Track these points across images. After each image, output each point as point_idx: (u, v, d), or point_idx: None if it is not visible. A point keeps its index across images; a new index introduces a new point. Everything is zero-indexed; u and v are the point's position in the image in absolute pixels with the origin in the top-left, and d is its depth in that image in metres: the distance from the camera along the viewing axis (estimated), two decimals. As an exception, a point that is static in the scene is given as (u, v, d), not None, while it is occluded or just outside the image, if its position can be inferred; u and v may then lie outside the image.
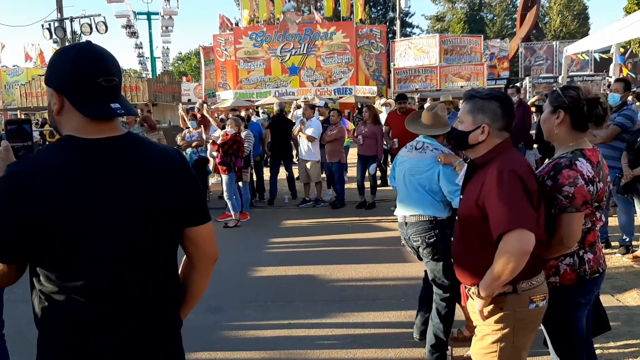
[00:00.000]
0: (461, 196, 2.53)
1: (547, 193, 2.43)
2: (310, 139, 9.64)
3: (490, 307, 2.34)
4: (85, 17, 16.08)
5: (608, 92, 6.43)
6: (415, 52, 32.09)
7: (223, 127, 9.08)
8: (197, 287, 1.87)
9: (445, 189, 3.65)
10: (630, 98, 10.08)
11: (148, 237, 1.62)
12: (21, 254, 1.56)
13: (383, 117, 10.28)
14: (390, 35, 38.72)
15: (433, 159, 3.72)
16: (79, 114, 1.56)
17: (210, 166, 10.30)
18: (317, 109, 10.60)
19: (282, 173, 10.79)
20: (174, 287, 1.75)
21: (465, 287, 2.50)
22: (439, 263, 3.72)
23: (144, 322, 1.64)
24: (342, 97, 28.24)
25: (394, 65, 31.65)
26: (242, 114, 11.19)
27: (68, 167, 1.53)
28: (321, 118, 10.23)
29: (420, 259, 3.93)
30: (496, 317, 2.36)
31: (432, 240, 3.69)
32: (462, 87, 28.57)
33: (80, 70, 1.54)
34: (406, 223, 3.84)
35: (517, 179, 2.19)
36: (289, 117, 12.09)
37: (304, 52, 30.75)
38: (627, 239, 6.00)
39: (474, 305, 2.40)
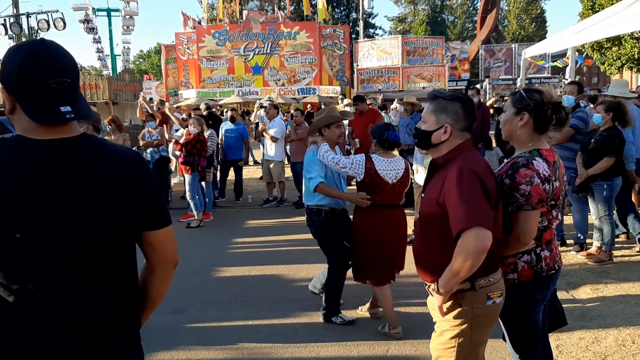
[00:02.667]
0: (422, 195, 2.58)
1: (505, 191, 2.50)
2: (273, 139, 9.63)
3: (449, 303, 2.40)
4: (42, 12, 15.67)
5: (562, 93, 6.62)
6: (378, 53, 32.37)
7: (186, 126, 8.99)
8: (156, 292, 1.83)
9: (306, 179, 4.38)
10: (584, 100, 10.40)
11: (95, 241, 1.56)
12: None
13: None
14: (353, 36, 38.95)
15: (311, 154, 4.42)
16: None
17: (173, 166, 10.19)
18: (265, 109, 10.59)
19: (251, 173, 10.72)
20: (127, 292, 1.69)
21: (425, 284, 2.54)
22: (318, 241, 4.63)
23: (85, 328, 1.58)
24: (305, 97, 28.25)
25: (357, 65, 31.85)
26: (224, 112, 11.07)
27: (12, 168, 1.47)
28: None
29: None
30: (455, 313, 2.41)
31: (307, 222, 4.64)
32: (424, 88, 28.98)
33: (29, 71, 1.48)
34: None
35: (476, 178, 2.24)
36: (252, 117, 12.08)
37: (268, 51, 30.65)
38: (582, 237, 6.19)
39: (433, 302, 2.45)
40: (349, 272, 4.58)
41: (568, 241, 6.42)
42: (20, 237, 1.46)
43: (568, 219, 6.86)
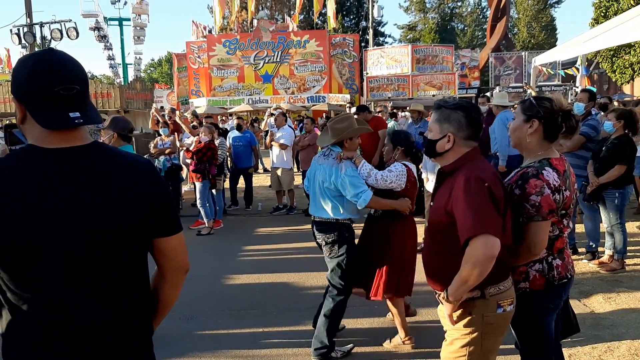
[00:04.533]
0: (431, 203, 2.59)
1: (515, 202, 2.49)
2: (282, 147, 9.65)
3: (459, 311, 2.39)
4: (55, 22, 15.82)
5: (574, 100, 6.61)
6: (388, 61, 32.39)
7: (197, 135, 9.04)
8: (167, 298, 1.84)
9: (348, 195, 3.96)
10: (594, 108, 10.36)
11: (105, 248, 1.56)
12: None
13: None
14: (363, 44, 39.03)
15: (334, 166, 4.04)
16: None
17: (184, 174, 10.24)
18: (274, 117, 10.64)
19: (261, 181, 10.75)
20: (138, 301, 1.70)
21: (435, 293, 2.54)
22: (333, 261, 4.10)
23: (95, 337, 1.59)
24: (315, 105, 28.33)
25: (367, 73, 31.89)
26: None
27: (23, 177, 1.49)
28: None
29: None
30: (465, 321, 2.40)
31: (330, 239, 4.07)
32: (433, 95, 28.94)
33: (38, 79, 1.50)
34: (314, 222, 4.24)
35: (483, 186, 2.24)
36: (262, 125, 12.13)
37: (278, 60, 30.81)
38: (594, 245, 6.15)
39: (443, 310, 2.44)
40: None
41: (580, 250, 6.38)
42: (30, 244, 1.47)
43: (580, 227, 6.82)
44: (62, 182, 1.51)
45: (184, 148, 9.07)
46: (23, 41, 16.03)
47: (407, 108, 13.44)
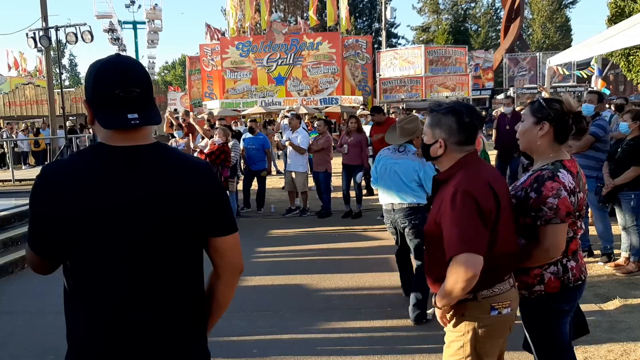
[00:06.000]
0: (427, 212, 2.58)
1: (532, 205, 2.47)
2: (301, 151, 9.67)
3: (452, 312, 2.40)
4: (70, 26, 15.95)
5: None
6: (401, 62, 32.32)
7: (211, 137, 9.09)
8: (223, 298, 1.88)
9: (429, 187, 4.48)
10: (611, 108, 10.28)
11: (164, 246, 1.64)
12: (45, 247, 1.66)
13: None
14: (376, 46, 38.96)
15: (414, 160, 4.72)
16: None
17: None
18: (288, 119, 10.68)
19: (274, 183, 10.77)
20: (194, 299, 1.77)
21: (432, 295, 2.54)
22: (416, 240, 4.74)
23: (151, 337, 1.66)
24: (328, 107, 28.34)
25: (380, 75, 31.84)
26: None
27: (91, 172, 1.60)
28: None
29: (397, 243, 5.05)
30: (459, 323, 2.41)
31: (416, 222, 4.67)
32: (447, 97, 28.81)
33: (101, 82, 1.61)
34: (394, 209, 4.81)
35: (469, 199, 2.20)
36: (275, 127, 12.17)
37: (290, 62, 30.87)
38: (608, 247, 6.09)
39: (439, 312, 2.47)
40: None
41: (596, 252, 6.32)
42: (88, 236, 1.57)
43: (593, 229, 6.76)
44: (123, 177, 1.61)
45: (198, 150, 9.11)
46: (39, 45, 16.18)
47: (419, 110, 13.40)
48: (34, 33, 15.94)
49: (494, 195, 2.27)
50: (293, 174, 9.83)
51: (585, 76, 19.17)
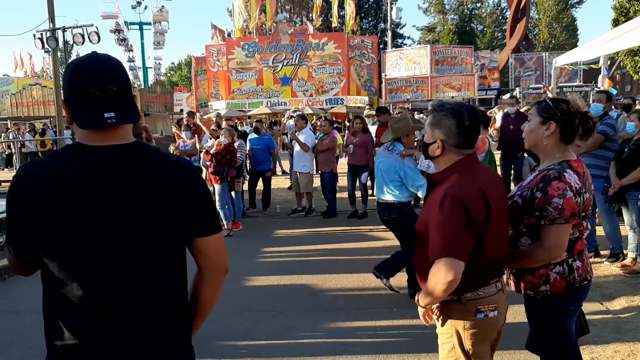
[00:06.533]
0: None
1: (538, 205, 2.47)
2: (305, 147, 9.68)
3: (437, 312, 2.42)
4: (77, 27, 16.02)
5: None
6: (407, 62, 32.30)
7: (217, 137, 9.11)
8: (207, 299, 1.86)
9: (409, 185, 4.94)
10: (617, 109, 10.23)
11: (144, 246, 1.61)
12: (24, 250, 1.63)
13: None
14: (381, 46, 38.97)
15: (396, 160, 5.03)
16: None
17: (203, 176, 10.29)
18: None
19: (280, 184, 10.77)
20: (177, 300, 1.75)
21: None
22: (398, 233, 5.32)
23: (138, 337, 1.64)
24: (333, 107, 28.36)
25: (385, 75, 31.83)
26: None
27: (69, 171, 1.57)
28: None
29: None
30: (445, 325, 2.43)
31: (394, 216, 5.18)
32: (453, 97, 28.79)
33: (76, 81, 1.59)
34: (378, 203, 5.32)
35: (458, 205, 2.19)
36: (281, 127, 12.18)
37: (296, 62, 30.89)
38: (616, 247, 6.07)
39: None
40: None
41: (602, 252, 6.29)
42: (66, 236, 1.54)
43: (601, 230, 6.74)
44: (101, 176, 1.57)
45: (204, 150, 9.13)
46: (46, 46, 16.26)
47: (424, 112, 13.38)
48: (42, 34, 16.03)
49: (484, 201, 2.26)
50: (298, 174, 9.85)
51: (595, 67, 18.92)
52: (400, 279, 5.41)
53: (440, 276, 2.16)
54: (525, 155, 8.95)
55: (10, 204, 1.60)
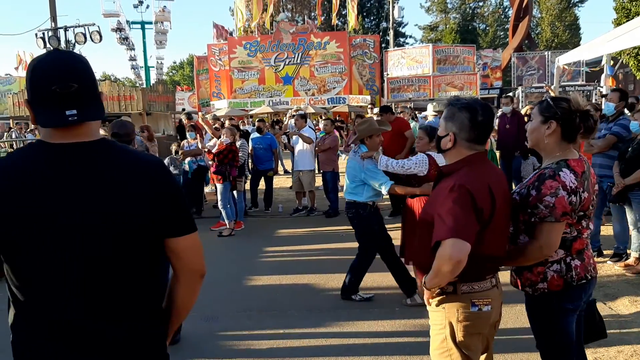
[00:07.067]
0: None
1: (531, 202, 2.50)
2: (308, 140, 9.67)
3: (436, 301, 2.46)
4: (79, 26, 16.04)
5: (602, 101, 6.51)
6: (409, 61, 32.22)
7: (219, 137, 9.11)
8: (182, 302, 1.79)
9: (374, 185, 5.09)
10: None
11: (111, 245, 1.56)
12: None
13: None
14: (383, 45, 38.89)
15: (358, 162, 5.20)
16: None
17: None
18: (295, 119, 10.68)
19: (282, 183, 10.76)
20: (149, 304, 1.69)
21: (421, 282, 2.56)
22: (353, 227, 5.43)
23: (107, 344, 1.59)
24: (335, 107, 28.34)
25: (388, 74, 31.76)
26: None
27: (28, 170, 1.53)
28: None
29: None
30: (439, 315, 2.47)
31: (349, 215, 5.38)
32: (455, 96, 28.68)
33: (37, 79, 1.54)
34: (346, 202, 5.47)
35: (466, 194, 2.24)
36: (283, 126, 12.17)
37: (298, 61, 30.85)
38: (621, 247, 6.04)
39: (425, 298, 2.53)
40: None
41: (605, 252, 6.27)
42: (33, 236, 1.50)
43: (605, 230, 6.72)
44: (66, 175, 1.53)
45: (206, 150, 9.13)
46: (48, 45, 16.27)
47: (431, 106, 13.33)
48: (43, 33, 16.04)
49: (491, 197, 2.31)
50: (301, 174, 9.84)
51: (596, 70, 18.90)
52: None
53: (446, 256, 2.19)
54: (530, 155, 8.93)
55: None
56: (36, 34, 16.21)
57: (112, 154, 1.61)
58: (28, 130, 21.51)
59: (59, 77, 1.53)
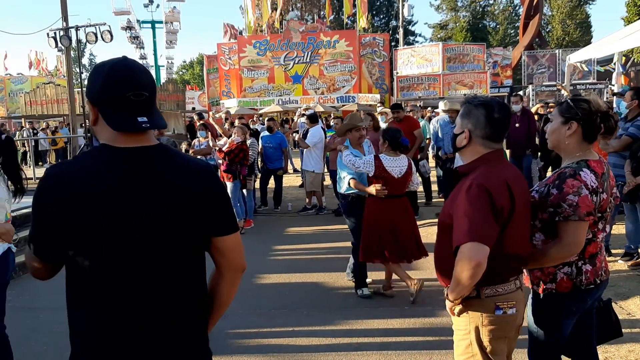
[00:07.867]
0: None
1: (552, 201, 2.48)
2: (304, 145, 9.71)
3: (459, 308, 2.41)
4: (90, 25, 16.11)
5: (614, 99, 6.44)
6: (418, 60, 32.14)
7: (230, 135, 9.14)
8: (225, 296, 1.90)
9: (342, 177, 5.44)
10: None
11: (170, 243, 1.64)
12: (52, 252, 1.65)
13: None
14: (393, 44, 38.81)
15: (340, 156, 5.46)
16: None
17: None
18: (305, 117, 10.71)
19: (292, 181, 10.78)
20: (198, 300, 1.78)
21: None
22: (345, 217, 5.73)
23: (160, 335, 1.66)
24: (345, 105, 28.29)
25: (397, 73, 31.69)
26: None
27: (97, 173, 1.60)
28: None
29: None
30: (463, 320, 2.43)
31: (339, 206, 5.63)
32: (465, 95, 28.54)
33: (111, 85, 1.61)
34: None
35: (485, 194, 2.22)
36: (292, 125, 12.18)
37: (307, 60, 30.87)
38: (632, 247, 6.00)
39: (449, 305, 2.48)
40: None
41: (614, 251, 6.24)
42: (106, 238, 1.57)
43: (616, 228, 6.68)
44: (133, 178, 1.61)
45: (217, 148, 9.16)
46: (59, 44, 16.37)
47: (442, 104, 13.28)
48: (55, 33, 16.12)
49: (509, 194, 2.28)
50: (310, 174, 9.85)
51: (607, 69, 18.81)
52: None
53: (465, 262, 2.17)
54: (539, 154, 8.89)
55: (40, 206, 1.61)
56: (48, 34, 16.30)
57: (168, 158, 1.71)
58: (40, 129, 21.71)
59: (134, 85, 1.61)
